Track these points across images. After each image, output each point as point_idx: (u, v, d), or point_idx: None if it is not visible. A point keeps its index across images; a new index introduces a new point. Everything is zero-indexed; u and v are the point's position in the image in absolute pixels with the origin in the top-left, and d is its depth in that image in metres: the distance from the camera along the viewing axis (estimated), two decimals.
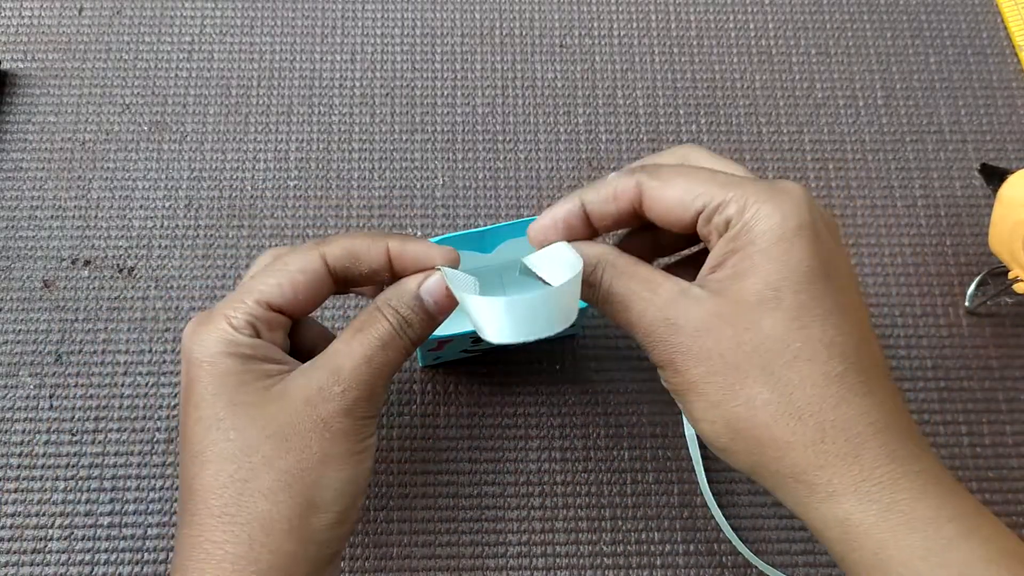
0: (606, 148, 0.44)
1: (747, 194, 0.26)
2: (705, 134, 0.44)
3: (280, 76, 0.45)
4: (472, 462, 0.38)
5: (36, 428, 0.38)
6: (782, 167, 0.44)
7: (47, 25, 0.45)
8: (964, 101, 0.45)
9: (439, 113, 0.44)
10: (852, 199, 0.43)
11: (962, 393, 0.40)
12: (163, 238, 0.41)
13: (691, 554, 0.36)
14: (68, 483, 0.37)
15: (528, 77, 0.45)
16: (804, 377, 0.24)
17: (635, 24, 0.47)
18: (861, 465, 0.24)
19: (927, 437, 0.39)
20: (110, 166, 0.43)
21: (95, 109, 0.44)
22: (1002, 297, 0.41)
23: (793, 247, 0.25)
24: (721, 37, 0.47)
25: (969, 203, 0.43)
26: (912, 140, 0.45)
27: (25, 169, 0.42)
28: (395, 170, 0.43)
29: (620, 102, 0.45)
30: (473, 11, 0.47)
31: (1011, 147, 0.44)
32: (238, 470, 0.25)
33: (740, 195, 0.26)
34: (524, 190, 0.43)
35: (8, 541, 0.36)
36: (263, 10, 0.46)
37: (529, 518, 0.37)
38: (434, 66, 0.45)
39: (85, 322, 0.40)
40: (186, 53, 0.45)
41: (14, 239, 0.41)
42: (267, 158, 0.43)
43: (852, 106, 0.45)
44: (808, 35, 0.47)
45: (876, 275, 0.42)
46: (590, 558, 0.36)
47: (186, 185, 0.42)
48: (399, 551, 0.36)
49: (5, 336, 0.39)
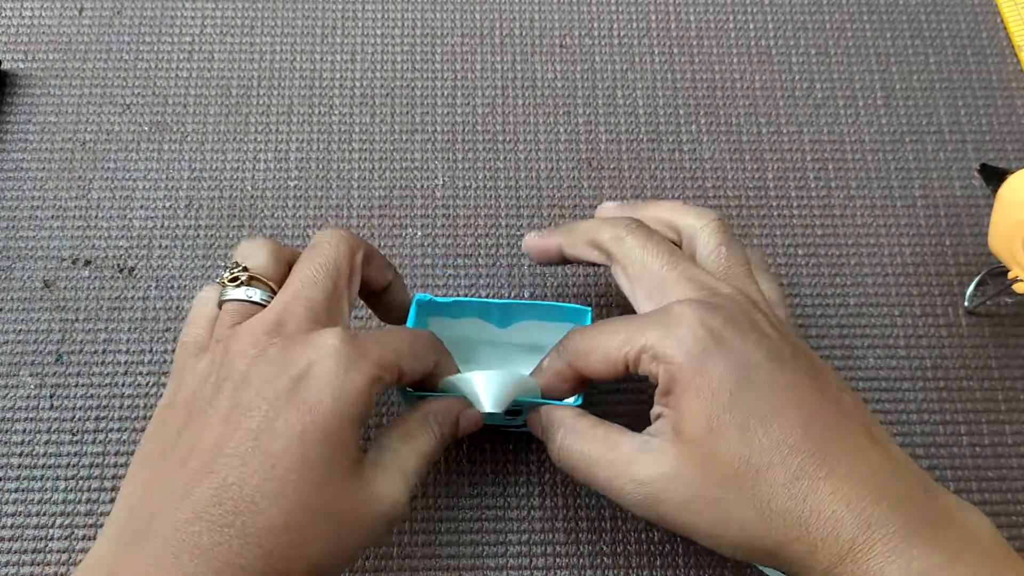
0: (606, 148, 0.44)
1: (650, 340, 0.28)
2: (705, 134, 0.44)
3: (280, 76, 0.45)
4: (472, 463, 0.38)
5: (37, 428, 0.38)
6: (782, 167, 0.44)
7: (47, 25, 0.45)
8: (964, 101, 0.45)
9: (439, 113, 0.44)
10: (852, 199, 0.43)
11: (961, 393, 0.40)
12: (163, 238, 0.41)
13: (691, 554, 0.37)
14: (69, 483, 0.37)
15: (528, 77, 0.45)
16: (772, 485, 0.26)
17: (635, 24, 0.47)
18: (840, 541, 0.25)
19: (927, 437, 0.39)
20: (110, 166, 0.43)
21: (95, 109, 0.44)
22: (1002, 297, 0.41)
23: (708, 374, 0.27)
24: (721, 37, 0.47)
25: (969, 203, 0.43)
26: (912, 140, 0.45)
27: (25, 169, 0.42)
28: (395, 170, 0.43)
29: (620, 102, 0.45)
30: (473, 11, 0.47)
31: (1011, 147, 0.44)
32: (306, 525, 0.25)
33: (646, 343, 0.28)
34: (524, 190, 0.43)
35: (8, 541, 0.36)
36: (263, 10, 0.46)
37: (529, 518, 0.37)
38: (434, 66, 0.45)
39: (86, 322, 0.40)
40: (186, 53, 0.45)
41: (14, 239, 0.41)
42: (267, 158, 0.43)
43: (852, 106, 0.45)
44: (808, 35, 0.47)
45: (875, 275, 0.42)
46: (590, 558, 0.36)
47: (186, 185, 0.42)
48: (399, 551, 0.36)
49: (5, 336, 0.39)
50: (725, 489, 0.26)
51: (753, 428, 0.26)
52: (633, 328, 0.28)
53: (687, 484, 0.27)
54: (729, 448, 0.26)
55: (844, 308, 0.41)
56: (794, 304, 0.41)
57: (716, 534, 0.27)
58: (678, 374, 0.27)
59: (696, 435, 0.27)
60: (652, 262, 0.30)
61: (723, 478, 0.26)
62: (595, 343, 0.29)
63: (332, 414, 0.26)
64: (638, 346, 0.28)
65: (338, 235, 0.30)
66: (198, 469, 0.25)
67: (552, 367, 0.31)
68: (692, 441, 0.27)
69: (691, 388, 0.27)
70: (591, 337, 0.30)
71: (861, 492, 0.25)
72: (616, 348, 0.28)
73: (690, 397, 0.27)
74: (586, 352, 0.30)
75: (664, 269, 0.30)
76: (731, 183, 0.43)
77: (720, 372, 0.27)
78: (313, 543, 0.25)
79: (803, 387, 0.27)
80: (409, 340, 0.29)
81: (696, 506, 0.27)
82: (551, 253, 0.34)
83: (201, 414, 0.26)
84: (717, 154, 0.44)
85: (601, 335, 0.29)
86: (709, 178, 0.43)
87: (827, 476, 0.26)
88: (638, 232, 0.31)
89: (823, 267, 0.42)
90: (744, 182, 0.43)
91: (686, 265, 0.30)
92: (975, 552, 0.25)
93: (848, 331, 0.41)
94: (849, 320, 0.41)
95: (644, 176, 0.43)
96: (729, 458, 0.26)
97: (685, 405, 0.27)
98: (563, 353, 0.31)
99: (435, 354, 0.31)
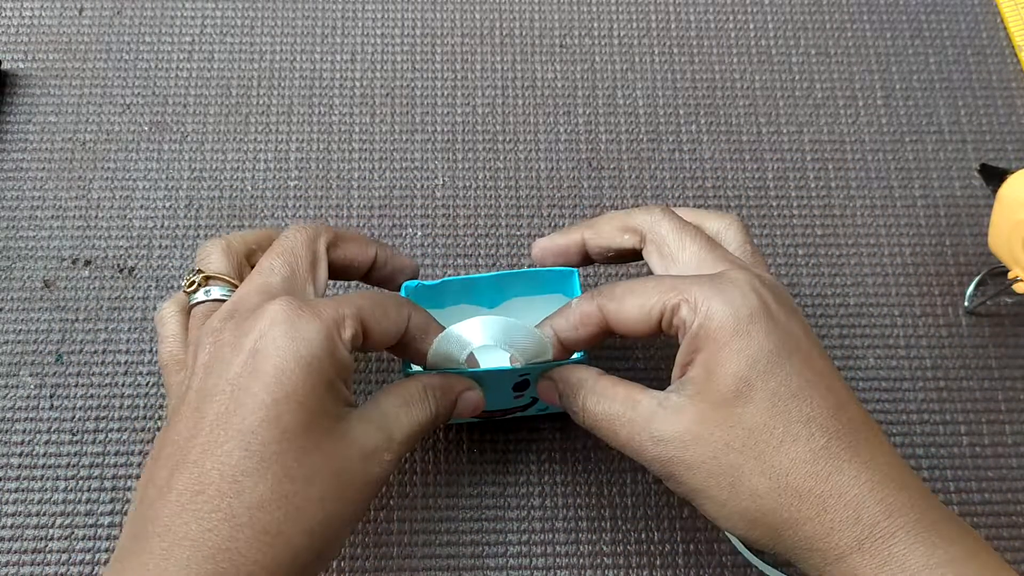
0: (606, 148, 0.44)
1: (695, 294, 0.27)
2: (705, 134, 0.44)
3: (280, 76, 0.45)
4: (472, 463, 0.38)
5: (37, 428, 0.38)
6: (782, 167, 0.44)
7: (47, 25, 0.45)
8: (964, 101, 0.45)
9: (439, 113, 0.44)
10: (852, 199, 0.43)
11: (961, 393, 0.40)
12: (163, 238, 0.41)
13: (691, 554, 0.37)
14: (69, 483, 0.37)
15: (528, 77, 0.45)
16: (793, 459, 0.26)
17: (635, 24, 0.47)
18: (861, 525, 0.25)
19: (927, 437, 0.39)
20: (110, 166, 0.43)
21: (95, 109, 0.44)
22: (1002, 297, 0.41)
23: (750, 336, 0.26)
24: (721, 37, 0.47)
25: (969, 203, 0.43)
26: (911, 140, 0.45)
27: (25, 169, 0.42)
28: (395, 170, 0.43)
29: (620, 102, 0.45)
30: (473, 11, 0.47)
31: (1011, 147, 0.44)
32: (295, 495, 0.25)
33: (689, 296, 0.27)
34: (524, 190, 0.43)
35: (8, 541, 0.36)
36: (263, 10, 0.46)
37: (529, 518, 0.37)
38: (434, 66, 0.45)
39: (85, 322, 0.40)
40: (186, 53, 0.45)
41: (14, 239, 0.41)
42: (267, 158, 0.43)
43: (852, 106, 0.45)
44: (808, 35, 0.47)
45: (875, 275, 0.42)
46: (590, 558, 0.36)
47: (186, 185, 0.42)
48: (399, 551, 0.36)
49: (6, 336, 0.39)
50: (742, 455, 0.26)
51: (784, 399, 0.26)
52: (679, 282, 0.28)
53: (703, 444, 0.26)
54: (755, 414, 0.26)
55: (844, 308, 0.41)
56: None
57: (723, 500, 0.26)
58: (717, 332, 0.26)
59: (722, 396, 0.26)
60: (690, 243, 0.30)
61: (743, 443, 0.26)
62: (633, 288, 0.29)
63: (295, 378, 0.25)
64: (680, 296, 0.27)
65: (296, 227, 0.30)
66: (176, 463, 0.25)
67: (579, 308, 0.30)
68: (716, 402, 0.26)
69: (727, 348, 0.26)
70: (631, 284, 0.29)
71: (884, 479, 0.25)
72: (657, 294, 0.28)
73: (724, 356, 0.26)
74: (622, 295, 0.29)
75: (703, 251, 0.30)
76: (731, 183, 0.43)
77: (762, 338, 0.26)
78: (307, 510, 0.25)
79: (834, 376, 0.27)
80: (371, 296, 0.29)
81: (709, 468, 0.26)
82: (570, 252, 0.33)
83: (176, 413, 0.27)
84: (717, 154, 0.44)
85: (642, 283, 0.29)
86: (709, 178, 0.43)
87: (851, 459, 0.25)
88: (673, 216, 0.31)
89: (823, 267, 0.42)
90: (744, 182, 0.43)
91: (724, 250, 0.30)
92: (989, 553, 0.25)
93: (848, 331, 0.41)
94: (849, 320, 0.41)
95: (644, 176, 0.43)
96: (752, 424, 0.26)
97: (717, 363, 0.26)
98: (596, 295, 0.29)
99: (406, 308, 0.29)
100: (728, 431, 0.26)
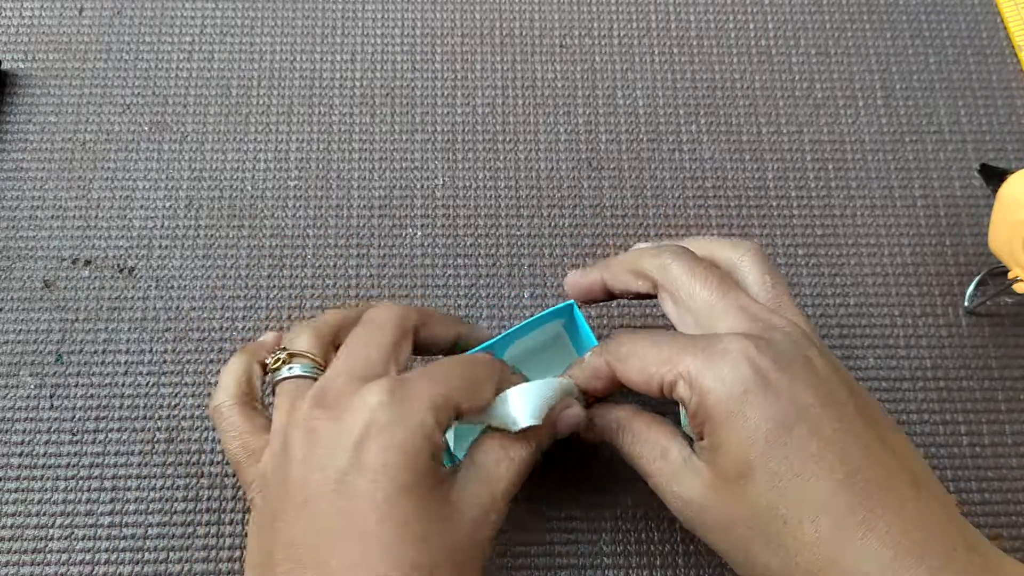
0: (606, 148, 0.44)
1: (689, 367, 0.27)
2: (705, 134, 0.44)
3: (280, 76, 0.45)
4: None
5: (36, 428, 0.38)
6: (782, 167, 0.44)
7: (47, 25, 0.45)
8: (964, 101, 0.45)
9: (439, 113, 0.44)
10: (851, 199, 0.43)
11: (961, 393, 0.40)
12: (163, 238, 0.41)
13: (691, 554, 0.37)
14: (68, 483, 0.37)
15: (528, 77, 0.45)
16: (798, 541, 0.25)
17: (635, 24, 0.47)
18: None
19: (927, 437, 0.39)
20: (110, 166, 0.43)
21: (95, 109, 0.44)
22: (1001, 297, 0.41)
23: (744, 416, 0.26)
24: (721, 37, 0.47)
25: (969, 203, 0.43)
26: (911, 140, 0.45)
27: (25, 169, 0.42)
28: (395, 170, 0.43)
29: (620, 102, 0.45)
30: (473, 11, 0.47)
31: (1011, 147, 0.44)
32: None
33: (684, 370, 0.27)
34: (524, 190, 0.43)
35: (8, 541, 0.36)
36: (263, 10, 0.46)
37: (529, 518, 0.37)
38: (434, 66, 0.45)
39: (85, 322, 0.40)
40: (186, 53, 0.45)
41: (14, 239, 0.41)
42: (267, 158, 0.43)
43: (852, 106, 0.45)
44: (808, 35, 0.47)
45: (875, 275, 0.42)
46: (590, 558, 0.36)
47: (186, 185, 0.42)
48: None
49: (5, 336, 0.39)
50: (751, 531, 0.26)
51: (787, 478, 0.25)
52: (677, 348, 0.27)
53: (717, 513, 0.26)
54: (759, 495, 0.25)
55: (844, 308, 0.41)
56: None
57: (740, 563, 0.27)
58: (713, 410, 0.26)
59: (727, 473, 0.26)
60: (700, 289, 0.29)
61: (751, 522, 0.26)
62: (635, 350, 0.29)
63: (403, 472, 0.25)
64: (676, 370, 0.27)
65: (385, 306, 0.30)
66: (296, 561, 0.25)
67: (591, 363, 0.30)
68: (725, 477, 0.26)
69: (723, 427, 0.26)
70: (633, 342, 0.29)
71: (899, 552, 0.24)
72: (654, 365, 0.28)
73: (723, 435, 0.26)
74: (626, 357, 0.29)
75: (714, 296, 0.29)
76: (731, 183, 0.43)
77: (757, 418, 0.25)
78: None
79: (852, 433, 0.26)
80: (461, 367, 0.28)
81: (724, 536, 0.27)
82: (594, 290, 0.33)
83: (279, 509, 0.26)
84: (717, 154, 0.44)
85: (644, 344, 0.28)
86: (709, 178, 0.43)
87: (864, 536, 0.24)
88: (683, 258, 0.30)
89: (823, 267, 0.42)
90: (744, 182, 0.43)
91: (737, 293, 0.29)
92: None
93: (848, 331, 0.41)
94: (849, 320, 0.41)
95: (644, 176, 0.43)
96: (757, 505, 0.25)
97: (719, 441, 0.26)
98: (604, 351, 0.30)
99: (493, 386, 0.29)
100: (737, 508, 0.26)
